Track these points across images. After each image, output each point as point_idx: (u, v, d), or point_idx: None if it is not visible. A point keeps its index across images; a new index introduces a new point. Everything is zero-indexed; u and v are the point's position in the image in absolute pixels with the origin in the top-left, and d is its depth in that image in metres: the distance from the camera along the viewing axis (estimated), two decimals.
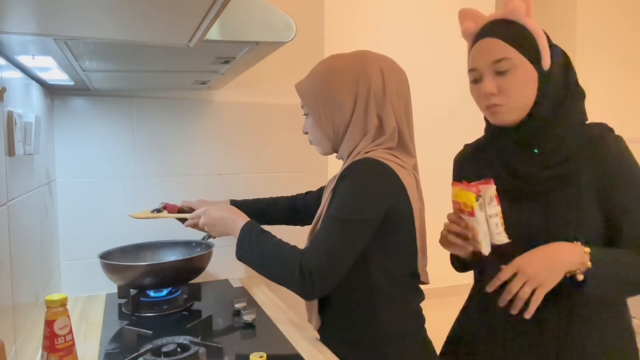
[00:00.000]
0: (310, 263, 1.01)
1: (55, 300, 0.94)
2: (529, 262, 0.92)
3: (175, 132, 1.72)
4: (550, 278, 0.91)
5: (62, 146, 1.60)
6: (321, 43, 1.87)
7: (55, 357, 0.94)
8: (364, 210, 1.04)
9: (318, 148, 1.23)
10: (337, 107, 1.14)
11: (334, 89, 1.13)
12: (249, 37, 1.00)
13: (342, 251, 1.04)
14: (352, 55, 1.17)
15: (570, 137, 1.01)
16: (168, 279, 1.47)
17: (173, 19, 0.68)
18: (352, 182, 1.06)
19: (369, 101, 1.12)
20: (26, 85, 1.20)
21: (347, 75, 1.13)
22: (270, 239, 1.11)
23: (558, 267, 0.92)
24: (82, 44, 0.89)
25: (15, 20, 0.70)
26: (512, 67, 0.98)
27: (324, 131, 1.18)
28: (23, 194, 1.12)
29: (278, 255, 1.07)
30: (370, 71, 1.12)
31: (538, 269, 0.91)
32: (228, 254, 1.80)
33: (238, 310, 1.40)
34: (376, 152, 1.09)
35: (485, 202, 0.95)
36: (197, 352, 1.11)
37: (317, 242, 1.05)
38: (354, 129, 1.14)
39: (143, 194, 1.69)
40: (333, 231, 1.04)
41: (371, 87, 1.12)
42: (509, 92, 0.99)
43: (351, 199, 1.05)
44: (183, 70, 1.30)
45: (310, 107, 1.18)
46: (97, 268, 1.45)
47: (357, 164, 1.07)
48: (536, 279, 0.91)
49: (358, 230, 1.05)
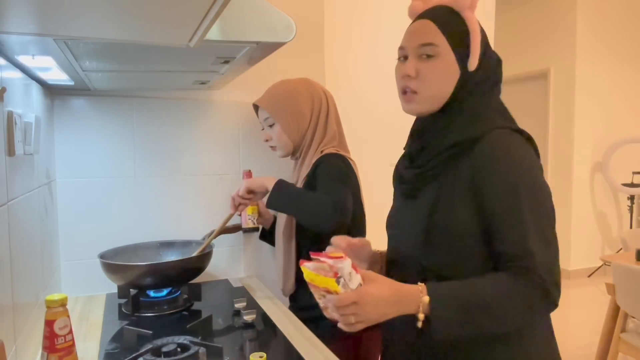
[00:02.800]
0: (336, 198, 1.34)
1: (55, 300, 0.94)
2: (369, 301, 0.84)
3: (175, 132, 1.72)
4: (375, 321, 0.85)
5: (62, 146, 1.60)
6: (321, 43, 1.87)
7: (55, 357, 0.94)
8: (348, 175, 1.42)
9: (280, 152, 1.55)
10: (302, 116, 1.49)
11: (298, 102, 1.49)
12: (249, 37, 1.00)
13: (347, 195, 1.38)
14: (301, 80, 1.54)
15: (448, 134, 0.95)
16: (168, 279, 1.47)
17: (173, 19, 0.68)
18: (327, 164, 1.42)
19: (320, 112, 1.51)
20: (26, 85, 1.20)
21: (304, 93, 1.51)
22: (301, 189, 1.45)
23: (391, 314, 0.86)
24: (82, 44, 0.90)
25: (15, 20, 0.70)
26: (436, 55, 0.93)
27: (290, 137, 1.51)
28: (23, 194, 1.12)
29: (313, 196, 1.38)
30: (318, 91, 1.53)
31: (373, 311, 0.84)
32: (228, 254, 1.81)
33: (238, 310, 1.40)
34: (329, 149, 1.47)
35: (347, 280, 0.84)
36: (197, 352, 1.11)
37: (328, 190, 1.37)
38: (311, 133, 1.50)
39: (143, 194, 1.69)
40: (336, 183, 1.39)
41: (321, 102, 1.51)
42: (425, 79, 0.94)
43: (336, 168, 1.41)
44: (183, 70, 1.30)
45: (280, 117, 1.49)
46: (97, 268, 1.45)
47: (325, 156, 1.44)
48: (364, 318, 0.84)
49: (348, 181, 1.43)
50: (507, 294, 0.85)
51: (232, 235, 1.74)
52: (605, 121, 4.91)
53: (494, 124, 0.93)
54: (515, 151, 0.90)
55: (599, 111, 4.88)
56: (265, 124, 1.54)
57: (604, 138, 4.88)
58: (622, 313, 2.40)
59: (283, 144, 1.52)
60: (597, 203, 5.00)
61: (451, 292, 0.87)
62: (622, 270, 2.25)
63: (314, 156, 1.47)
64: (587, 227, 4.93)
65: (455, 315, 0.84)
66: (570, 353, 3.02)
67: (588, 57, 4.83)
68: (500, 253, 0.88)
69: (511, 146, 0.90)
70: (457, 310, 0.85)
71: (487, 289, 0.86)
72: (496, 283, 0.87)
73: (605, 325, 2.57)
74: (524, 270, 0.85)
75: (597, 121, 4.87)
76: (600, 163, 4.90)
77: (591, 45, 4.84)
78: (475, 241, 0.91)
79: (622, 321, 2.41)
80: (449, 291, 0.87)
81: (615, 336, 2.44)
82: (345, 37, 3.49)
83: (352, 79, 3.53)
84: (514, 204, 0.87)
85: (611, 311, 2.54)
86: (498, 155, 0.89)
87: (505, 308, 0.85)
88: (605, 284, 2.48)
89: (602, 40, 4.88)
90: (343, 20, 3.47)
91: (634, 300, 2.22)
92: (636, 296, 2.19)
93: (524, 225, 0.86)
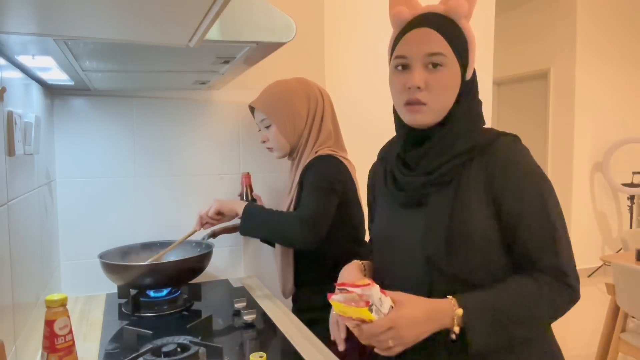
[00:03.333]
0: (306, 214, 1.35)
1: (55, 300, 0.94)
2: (405, 325, 0.83)
3: (175, 132, 1.72)
4: (414, 342, 0.85)
5: (62, 146, 1.60)
6: (321, 43, 1.87)
7: (55, 357, 0.94)
8: (334, 182, 1.41)
9: (277, 153, 1.54)
10: (298, 117, 1.48)
11: (294, 103, 1.48)
12: (249, 37, 1.00)
13: (325, 208, 1.39)
14: (297, 79, 1.53)
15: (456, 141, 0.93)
16: (168, 279, 1.47)
17: (173, 19, 0.68)
18: (315, 171, 1.41)
19: (316, 113, 1.50)
20: (26, 85, 1.20)
21: (300, 93, 1.49)
22: (270, 210, 1.44)
23: (427, 333, 0.85)
24: (82, 44, 0.89)
25: (15, 20, 0.70)
26: (444, 65, 0.91)
27: (287, 138, 1.49)
28: (23, 194, 1.12)
29: (280, 216, 1.40)
30: (314, 90, 1.51)
31: (409, 334, 0.83)
32: (228, 254, 1.81)
33: (238, 310, 1.40)
34: (324, 150, 1.47)
35: (378, 306, 0.83)
36: (197, 352, 1.11)
37: (305, 203, 1.38)
38: (307, 133, 1.49)
39: (143, 194, 1.69)
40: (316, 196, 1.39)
41: (317, 102, 1.50)
42: (434, 90, 0.91)
43: (322, 176, 1.41)
44: (183, 70, 1.30)
45: (276, 119, 1.48)
46: (97, 268, 1.45)
47: (314, 159, 1.44)
48: (401, 340, 0.83)
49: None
50: (536, 297, 0.87)
51: (232, 235, 1.74)
52: (605, 121, 4.91)
53: (494, 130, 0.96)
54: (529, 157, 0.93)
55: (599, 111, 4.88)
56: (261, 126, 1.54)
57: (604, 138, 4.88)
58: (622, 313, 2.40)
59: (280, 145, 1.52)
60: (597, 203, 5.00)
61: (483, 302, 0.87)
62: (622, 270, 2.25)
63: (309, 157, 1.48)
64: (587, 227, 4.93)
65: (489, 325, 0.85)
66: (570, 353, 3.02)
67: (588, 57, 4.82)
68: (526, 254, 0.90)
69: (523, 152, 0.93)
70: (491, 319, 0.85)
71: (516, 294, 0.88)
72: (524, 287, 0.88)
73: (605, 325, 2.57)
74: (550, 271, 0.88)
75: (597, 121, 4.87)
76: (600, 163, 4.90)
77: (591, 45, 4.83)
78: (493, 245, 0.91)
79: (622, 321, 2.41)
80: (480, 302, 0.87)
81: (615, 336, 2.44)
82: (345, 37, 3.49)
83: (352, 79, 3.53)
84: (541, 209, 0.89)
85: (611, 311, 2.54)
86: (515, 160, 0.91)
87: (536, 314, 0.88)
88: (605, 284, 2.48)
89: (602, 40, 4.88)
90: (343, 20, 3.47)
91: (634, 300, 2.22)
92: (636, 296, 2.19)
93: (552, 227, 0.89)
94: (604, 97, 4.92)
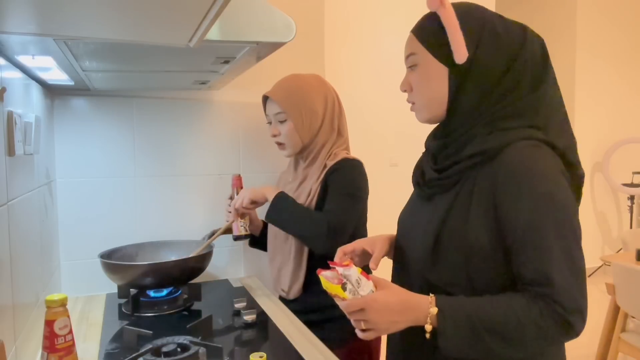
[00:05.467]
0: (335, 220, 1.34)
1: (55, 300, 0.94)
2: (376, 308, 0.84)
3: (175, 132, 1.72)
4: (386, 330, 0.87)
5: (62, 146, 1.60)
6: (321, 43, 1.87)
7: (55, 357, 0.94)
8: (361, 189, 1.41)
9: (288, 150, 1.48)
10: (315, 115, 1.43)
11: (312, 99, 1.43)
12: (249, 37, 1.00)
13: (351, 216, 1.38)
14: (314, 76, 1.49)
15: (470, 143, 0.90)
16: (168, 279, 1.47)
17: (173, 19, 0.68)
18: (342, 174, 1.39)
19: (334, 112, 1.46)
20: (26, 85, 1.20)
21: (318, 90, 1.45)
22: (299, 206, 1.41)
23: (400, 323, 0.85)
24: (82, 44, 0.90)
25: (15, 20, 0.70)
26: (417, 64, 0.95)
27: (301, 135, 1.44)
28: (23, 194, 1.12)
29: (310, 216, 1.37)
30: (330, 90, 1.48)
31: (381, 319, 0.84)
32: (228, 254, 1.81)
33: (238, 310, 1.40)
34: (340, 151, 1.45)
35: (355, 286, 0.86)
36: (197, 352, 1.11)
37: (333, 208, 1.36)
38: (323, 133, 1.45)
39: (143, 194, 1.69)
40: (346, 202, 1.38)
41: (334, 102, 1.47)
42: (415, 89, 0.97)
43: (350, 181, 1.39)
44: (183, 70, 1.30)
45: (293, 114, 1.42)
46: (97, 268, 1.45)
47: (342, 161, 1.41)
48: (374, 325, 0.84)
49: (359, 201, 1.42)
50: (521, 319, 0.81)
51: (232, 235, 1.74)
52: (606, 121, 4.91)
53: (520, 133, 0.87)
54: (540, 166, 0.84)
55: (599, 111, 4.87)
56: (274, 119, 1.46)
57: (604, 138, 4.88)
58: (622, 313, 2.40)
59: (293, 143, 1.45)
60: (597, 203, 5.00)
61: (461, 308, 0.84)
62: (622, 270, 2.25)
63: (326, 158, 1.44)
64: (587, 227, 4.93)
65: (463, 332, 0.82)
66: (571, 353, 3.01)
67: (588, 57, 4.82)
68: (519, 275, 0.84)
69: (537, 160, 0.84)
70: (465, 327, 0.82)
71: (500, 310, 0.82)
72: (510, 305, 0.82)
73: (605, 325, 2.57)
74: (543, 297, 0.81)
75: (597, 121, 4.86)
76: (600, 163, 4.90)
77: (591, 45, 4.83)
78: (485, 256, 0.86)
79: (622, 321, 2.41)
80: (458, 306, 0.84)
81: (615, 336, 2.44)
82: (345, 37, 3.49)
83: (352, 79, 3.53)
84: (537, 225, 0.82)
85: (611, 311, 2.54)
86: (521, 171, 0.83)
87: (518, 333, 0.81)
88: (605, 284, 2.48)
89: (602, 40, 4.88)
90: (343, 20, 3.47)
91: (634, 300, 2.22)
92: (636, 296, 2.19)
93: (547, 248, 0.81)
94: (604, 97, 4.92)
